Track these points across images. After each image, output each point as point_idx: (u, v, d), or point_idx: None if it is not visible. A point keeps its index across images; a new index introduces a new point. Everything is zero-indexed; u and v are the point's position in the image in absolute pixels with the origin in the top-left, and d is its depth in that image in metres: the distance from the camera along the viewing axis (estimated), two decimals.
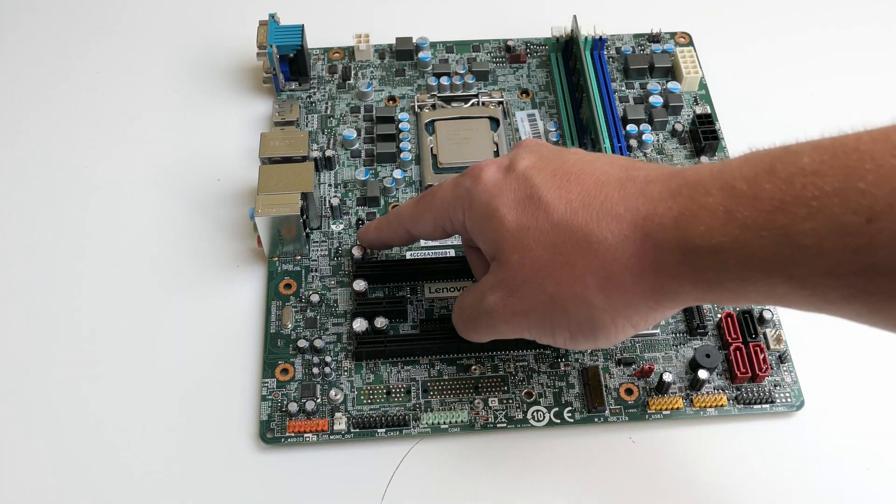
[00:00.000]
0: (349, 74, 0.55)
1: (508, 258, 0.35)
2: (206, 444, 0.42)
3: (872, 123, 0.28)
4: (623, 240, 0.32)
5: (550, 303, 0.34)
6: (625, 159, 0.35)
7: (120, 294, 0.46)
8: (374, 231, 0.45)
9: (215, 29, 0.59)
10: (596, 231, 0.33)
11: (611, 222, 0.32)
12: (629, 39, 0.57)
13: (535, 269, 0.34)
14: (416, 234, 0.42)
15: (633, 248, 0.32)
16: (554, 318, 0.35)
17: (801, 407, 0.43)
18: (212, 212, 0.50)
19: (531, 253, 0.34)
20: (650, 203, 0.32)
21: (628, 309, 0.33)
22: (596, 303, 0.33)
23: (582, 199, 0.33)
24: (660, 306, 0.33)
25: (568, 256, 0.33)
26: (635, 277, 0.32)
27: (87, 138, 0.53)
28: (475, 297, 0.38)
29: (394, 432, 0.41)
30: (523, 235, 0.34)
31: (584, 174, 0.34)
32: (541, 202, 0.34)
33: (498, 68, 0.56)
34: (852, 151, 0.27)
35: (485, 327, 0.38)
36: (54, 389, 0.43)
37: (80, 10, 0.60)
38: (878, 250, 0.26)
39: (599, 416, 0.42)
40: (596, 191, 0.33)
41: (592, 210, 0.33)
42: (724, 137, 0.52)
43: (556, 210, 0.34)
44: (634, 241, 0.32)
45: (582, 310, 0.34)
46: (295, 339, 0.44)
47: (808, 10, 0.61)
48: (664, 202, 0.31)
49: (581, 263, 0.33)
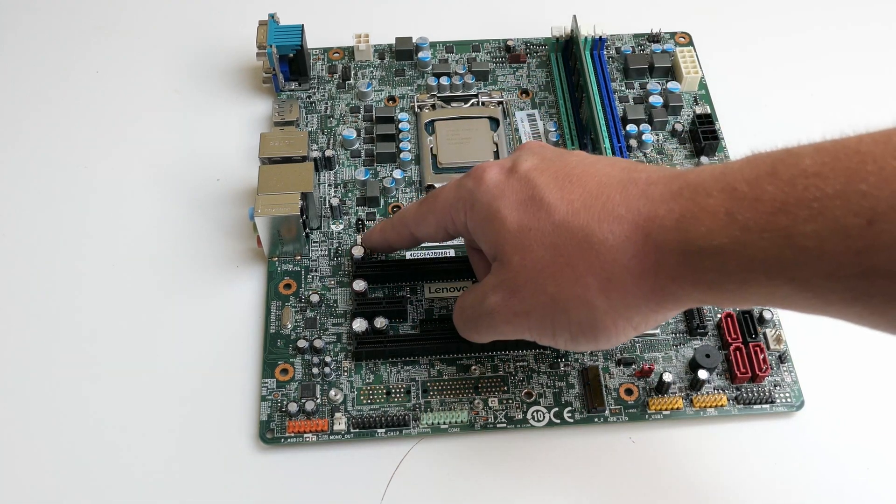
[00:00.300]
0: (349, 74, 0.55)
1: (510, 259, 0.35)
2: (206, 445, 0.42)
3: (873, 123, 0.28)
4: (624, 241, 0.32)
5: (551, 303, 0.34)
6: (627, 161, 0.35)
7: (120, 294, 0.46)
8: (378, 234, 0.45)
9: (215, 29, 0.59)
10: (597, 232, 0.33)
11: (612, 223, 0.32)
12: (629, 39, 0.57)
13: (536, 270, 0.34)
14: (419, 235, 0.42)
15: (634, 249, 0.32)
16: (555, 318, 0.35)
17: (801, 407, 0.43)
18: (212, 212, 0.50)
19: (532, 254, 0.34)
20: (651, 204, 0.32)
21: (629, 310, 0.33)
22: (597, 304, 0.33)
23: (584, 201, 0.33)
24: (661, 308, 0.33)
25: (569, 257, 0.33)
26: (636, 279, 0.32)
27: (87, 138, 0.53)
28: (476, 298, 0.38)
29: (394, 432, 0.41)
30: (524, 236, 0.34)
31: (587, 176, 0.34)
32: (542, 203, 0.34)
33: (498, 68, 0.56)
34: (854, 153, 0.27)
35: (486, 328, 0.38)
36: (54, 389, 0.43)
37: (80, 10, 0.60)
38: (880, 253, 0.26)
39: (599, 417, 0.42)
40: (598, 192, 0.33)
41: (594, 211, 0.33)
42: (724, 137, 0.52)
43: (557, 211, 0.34)
44: (635, 242, 0.32)
45: (583, 311, 0.34)
46: (295, 339, 0.44)
47: (808, 10, 0.61)
48: (665, 203, 0.31)
49: (582, 264, 0.33)
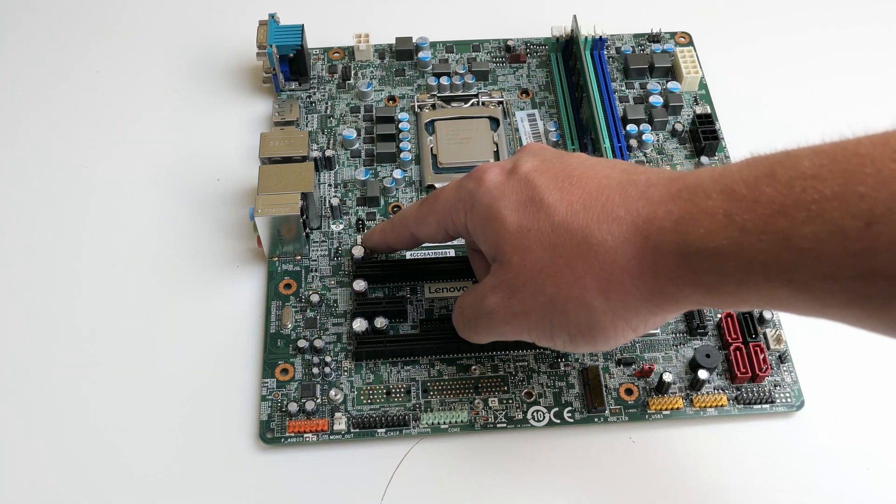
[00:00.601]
0: (349, 74, 0.55)
1: (509, 259, 0.35)
2: (206, 445, 0.42)
3: (873, 124, 0.28)
4: (623, 242, 0.32)
5: (550, 304, 0.34)
6: (627, 164, 0.35)
7: (120, 294, 0.46)
8: (378, 235, 0.45)
9: (215, 29, 0.59)
10: (596, 233, 0.32)
11: (611, 224, 0.32)
12: (629, 39, 0.57)
13: (535, 271, 0.34)
14: (419, 236, 0.42)
15: (633, 251, 0.32)
16: (553, 319, 0.35)
17: (801, 407, 0.43)
18: (212, 212, 0.50)
19: (531, 254, 0.34)
20: (651, 206, 0.32)
21: (627, 312, 0.33)
22: (595, 305, 0.33)
23: (583, 202, 0.33)
24: (659, 310, 0.33)
25: (568, 258, 0.33)
26: (635, 280, 0.32)
27: (87, 138, 0.53)
28: (476, 298, 0.38)
29: (394, 432, 0.41)
30: (524, 237, 0.34)
31: (586, 177, 0.34)
32: (542, 204, 0.34)
33: (498, 68, 0.56)
34: (852, 156, 0.27)
35: (485, 328, 0.38)
36: (54, 390, 0.43)
37: (80, 10, 0.60)
38: (878, 254, 0.26)
39: (599, 416, 0.42)
40: (597, 193, 0.33)
41: (593, 212, 0.33)
42: (724, 137, 0.52)
43: (557, 212, 0.34)
44: (634, 243, 0.32)
45: (581, 312, 0.34)
46: (295, 339, 0.44)
47: (808, 10, 0.61)
48: (664, 205, 0.31)
49: (581, 265, 0.33)
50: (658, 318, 0.34)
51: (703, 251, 0.30)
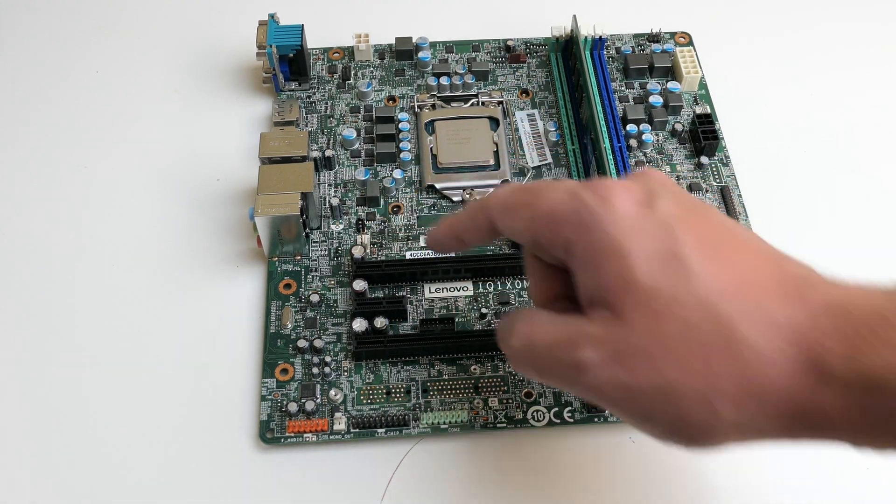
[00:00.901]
0: (349, 74, 0.55)
1: (630, 317, 0.29)
2: (206, 445, 0.42)
3: (872, 123, 0.28)
4: (779, 354, 0.27)
5: (664, 390, 0.28)
6: (768, 244, 0.31)
7: (120, 294, 0.46)
8: (447, 227, 0.37)
9: (215, 29, 0.59)
10: (744, 330, 0.27)
11: (766, 327, 0.27)
12: (629, 39, 0.57)
13: (660, 346, 0.28)
14: (500, 227, 0.34)
15: (791, 369, 0.27)
16: (658, 407, 0.29)
17: None
18: (212, 212, 0.50)
19: (662, 324, 0.28)
20: (811, 315, 0.27)
21: (755, 434, 0.28)
22: (724, 415, 0.28)
23: (736, 286, 0.28)
24: (789, 439, 0.28)
25: (704, 346, 0.28)
26: (783, 402, 0.27)
27: (87, 138, 0.53)
28: (562, 341, 0.30)
29: (394, 432, 0.41)
30: (655, 298, 0.28)
31: (736, 251, 0.30)
32: (683, 266, 0.28)
33: (498, 68, 0.56)
34: None
35: (560, 379, 0.31)
36: (53, 389, 0.43)
37: (80, 10, 0.60)
38: None
39: (599, 416, 0.42)
40: (753, 279, 0.28)
41: (747, 304, 0.28)
42: (723, 137, 0.52)
43: (702, 284, 0.28)
44: (793, 359, 0.27)
45: (701, 415, 0.28)
46: (295, 339, 0.44)
47: (808, 9, 0.61)
48: (830, 319, 0.27)
49: (719, 361, 0.27)
50: (775, 443, 0.29)
51: (888, 385, 0.26)
